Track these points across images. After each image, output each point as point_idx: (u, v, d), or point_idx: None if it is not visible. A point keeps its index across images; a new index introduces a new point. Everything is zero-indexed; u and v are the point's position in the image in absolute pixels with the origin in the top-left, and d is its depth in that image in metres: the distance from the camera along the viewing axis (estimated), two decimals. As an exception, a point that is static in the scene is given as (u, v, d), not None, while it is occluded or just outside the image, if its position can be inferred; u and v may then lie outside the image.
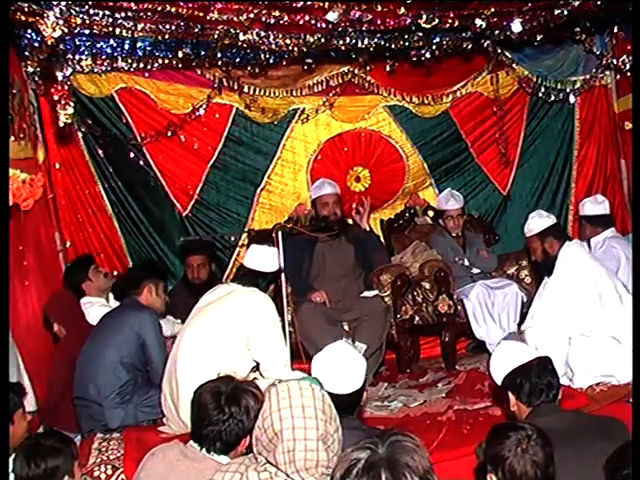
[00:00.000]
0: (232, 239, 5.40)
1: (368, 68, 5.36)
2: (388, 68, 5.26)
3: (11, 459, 2.57)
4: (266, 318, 3.57)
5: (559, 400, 2.69)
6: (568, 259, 3.94)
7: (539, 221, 4.16)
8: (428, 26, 4.05)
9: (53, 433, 2.85)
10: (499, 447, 2.16)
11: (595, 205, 4.73)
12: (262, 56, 4.75)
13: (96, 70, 4.85)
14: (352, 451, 1.58)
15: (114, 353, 3.69)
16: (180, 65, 4.92)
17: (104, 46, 4.53)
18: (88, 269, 4.35)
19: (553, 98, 5.74)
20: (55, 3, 3.19)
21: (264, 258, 3.77)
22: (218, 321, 3.55)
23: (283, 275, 4.16)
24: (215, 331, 3.52)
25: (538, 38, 4.80)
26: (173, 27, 3.98)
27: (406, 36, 4.53)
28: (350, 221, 5.42)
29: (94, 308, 4.22)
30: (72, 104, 3.52)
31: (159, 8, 3.70)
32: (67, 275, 4.51)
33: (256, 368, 3.59)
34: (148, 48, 4.57)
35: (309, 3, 3.74)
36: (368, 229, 5.19)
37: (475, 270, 5.16)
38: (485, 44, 4.98)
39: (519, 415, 2.68)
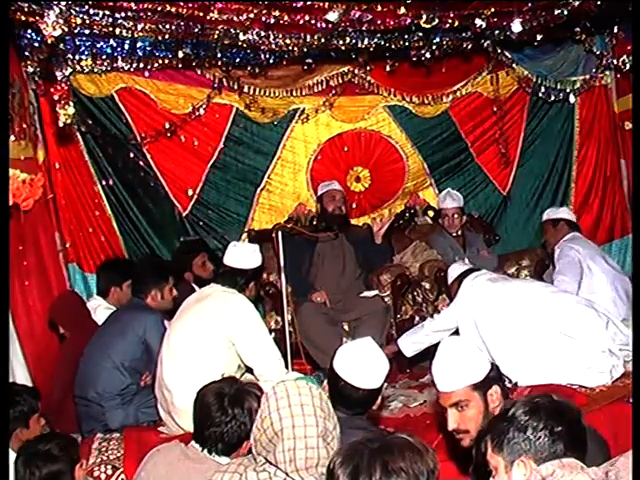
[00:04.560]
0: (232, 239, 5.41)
1: (368, 68, 5.36)
2: (388, 68, 5.27)
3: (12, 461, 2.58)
4: (246, 321, 3.47)
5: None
6: (465, 293, 3.93)
7: (453, 269, 4.26)
8: (428, 26, 4.04)
9: (55, 436, 2.83)
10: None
11: (568, 211, 4.99)
12: (262, 56, 4.75)
13: (96, 70, 4.84)
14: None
15: (117, 356, 3.66)
16: (180, 65, 4.92)
17: (104, 46, 4.52)
18: (127, 280, 4.28)
19: (553, 98, 5.75)
20: (55, 3, 3.18)
21: (243, 255, 3.68)
22: (197, 324, 3.48)
23: (283, 275, 4.16)
24: (195, 334, 3.45)
25: (538, 38, 4.78)
26: (173, 27, 3.96)
27: (406, 36, 4.53)
28: (353, 221, 5.45)
29: (100, 310, 4.21)
30: (72, 104, 3.51)
31: (159, 8, 3.69)
32: (107, 267, 4.54)
33: (246, 369, 3.56)
34: (148, 48, 4.57)
35: (309, 3, 3.73)
36: (379, 242, 5.07)
37: (475, 270, 5.17)
38: (485, 44, 4.98)
39: (494, 412, 2.65)
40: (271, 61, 4.85)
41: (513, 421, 1.75)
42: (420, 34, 4.49)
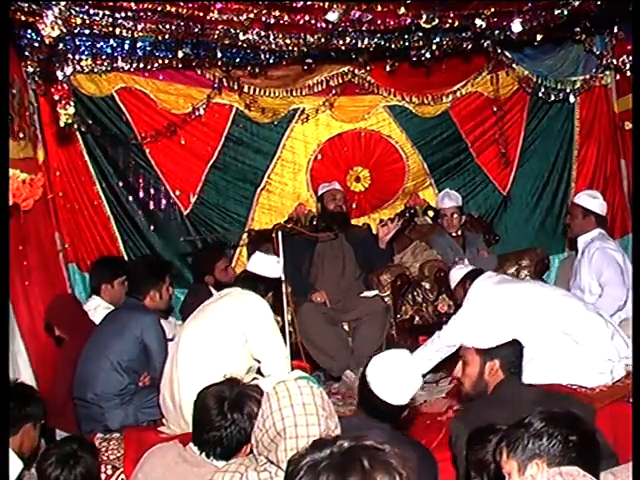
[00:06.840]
0: (232, 239, 5.42)
1: (368, 68, 5.35)
2: (388, 68, 5.26)
3: (23, 463, 2.58)
4: (261, 318, 3.61)
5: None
6: (476, 294, 3.92)
7: (456, 272, 4.29)
8: (428, 26, 4.04)
9: (78, 438, 2.89)
10: (481, 452, 2.24)
11: (603, 204, 4.65)
12: (262, 56, 4.75)
13: (96, 70, 4.84)
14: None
15: (115, 357, 3.66)
16: (180, 65, 4.92)
17: (104, 46, 4.53)
18: (117, 277, 4.29)
19: (553, 98, 5.74)
20: (55, 3, 3.18)
21: (268, 265, 3.86)
22: (214, 322, 3.58)
23: (283, 275, 4.16)
24: (212, 332, 3.54)
25: (538, 38, 4.78)
26: (173, 27, 3.97)
27: (406, 36, 4.52)
28: (353, 221, 5.44)
29: (100, 309, 4.19)
30: (72, 104, 3.52)
31: (159, 8, 3.69)
32: (97, 266, 4.55)
33: (256, 372, 3.59)
34: (148, 48, 4.57)
35: (309, 3, 3.73)
36: (383, 247, 5.08)
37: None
38: (485, 44, 4.97)
39: (488, 381, 2.75)
40: (271, 61, 4.85)
41: (529, 428, 1.81)
42: (420, 34, 4.49)
